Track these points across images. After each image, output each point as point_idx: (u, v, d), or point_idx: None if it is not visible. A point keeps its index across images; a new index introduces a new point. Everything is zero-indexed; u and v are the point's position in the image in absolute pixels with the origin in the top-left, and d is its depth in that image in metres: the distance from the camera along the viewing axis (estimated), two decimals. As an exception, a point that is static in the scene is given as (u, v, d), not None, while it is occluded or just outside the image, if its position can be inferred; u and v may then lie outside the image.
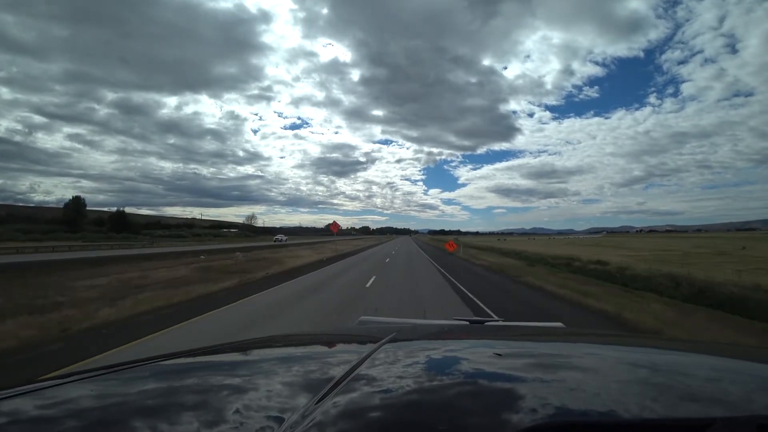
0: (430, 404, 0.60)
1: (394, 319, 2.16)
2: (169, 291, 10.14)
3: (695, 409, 0.58)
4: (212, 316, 7.67)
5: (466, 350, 1.02)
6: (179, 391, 0.72)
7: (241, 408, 0.59)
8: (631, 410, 0.54)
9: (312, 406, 0.56)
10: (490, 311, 8.32)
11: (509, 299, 10.37)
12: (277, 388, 0.70)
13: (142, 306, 8.18)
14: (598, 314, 8.22)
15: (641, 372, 0.78)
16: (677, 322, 7.32)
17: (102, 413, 0.61)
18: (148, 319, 7.29)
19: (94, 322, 6.72)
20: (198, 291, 10.39)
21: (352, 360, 0.80)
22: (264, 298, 9.80)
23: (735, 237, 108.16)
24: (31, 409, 0.62)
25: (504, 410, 0.56)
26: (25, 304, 8.10)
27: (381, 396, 0.60)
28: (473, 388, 0.66)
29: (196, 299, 9.46)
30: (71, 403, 0.66)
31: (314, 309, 8.35)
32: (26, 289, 10.16)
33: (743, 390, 0.66)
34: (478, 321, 1.67)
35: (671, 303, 9.77)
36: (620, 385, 0.68)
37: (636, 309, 8.34)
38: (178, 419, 0.57)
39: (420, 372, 0.77)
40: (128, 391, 0.72)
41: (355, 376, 0.69)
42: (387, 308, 8.31)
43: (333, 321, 7.27)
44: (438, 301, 9.50)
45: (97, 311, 7.40)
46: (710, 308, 9.20)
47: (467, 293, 10.86)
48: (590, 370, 0.80)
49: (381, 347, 0.91)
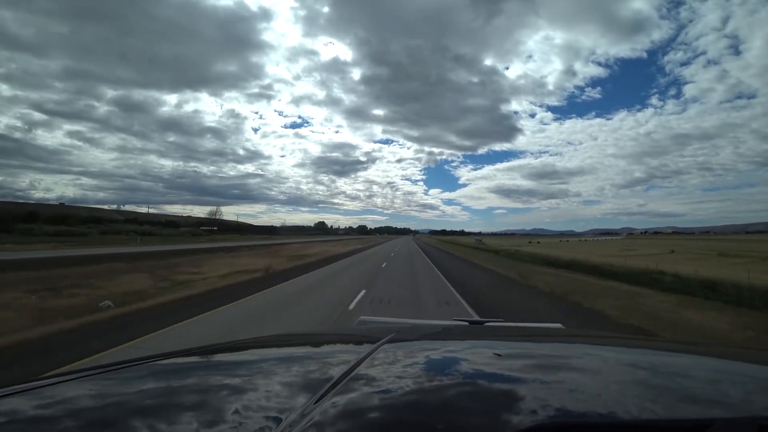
0: (429, 404, 0.59)
1: (394, 319, 2.19)
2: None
3: (695, 410, 0.58)
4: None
5: (465, 350, 1.01)
6: (178, 390, 0.71)
7: (240, 408, 0.58)
8: (630, 411, 0.54)
9: (311, 405, 0.55)
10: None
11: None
12: (275, 388, 0.70)
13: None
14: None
15: (641, 373, 0.78)
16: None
17: (100, 413, 0.60)
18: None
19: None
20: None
21: (351, 360, 0.79)
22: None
23: (752, 240, 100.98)
24: (28, 408, 0.61)
25: (504, 411, 0.55)
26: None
27: (380, 396, 0.60)
28: (473, 389, 0.66)
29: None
30: (69, 402, 0.65)
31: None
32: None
33: (743, 391, 0.65)
34: (478, 321, 1.66)
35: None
36: (620, 386, 0.67)
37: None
38: (176, 419, 0.57)
39: (419, 372, 0.76)
40: (126, 390, 0.72)
41: (354, 376, 0.68)
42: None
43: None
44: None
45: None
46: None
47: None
48: (590, 371, 0.80)
49: (380, 347, 0.90)
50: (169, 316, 7.48)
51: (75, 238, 52.24)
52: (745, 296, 10.70)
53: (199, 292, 10.55)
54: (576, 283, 14.34)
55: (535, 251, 36.27)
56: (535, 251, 36.31)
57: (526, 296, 11.39)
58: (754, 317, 8.60)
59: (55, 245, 34.53)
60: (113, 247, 35.15)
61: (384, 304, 9.06)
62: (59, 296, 9.03)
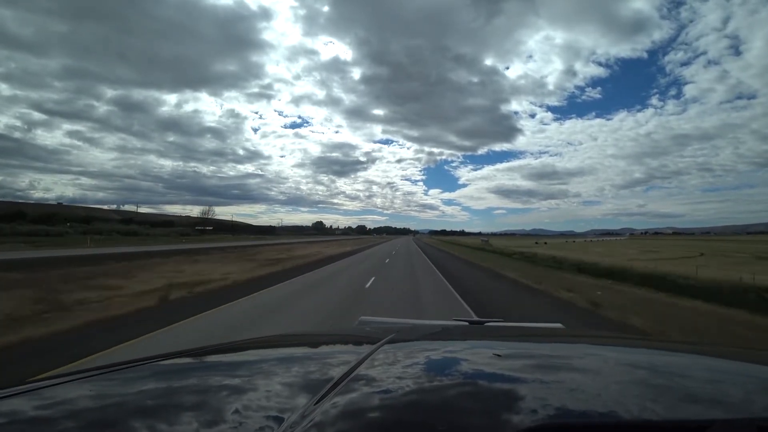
0: (429, 405, 0.59)
1: (394, 319, 2.15)
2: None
3: (695, 411, 0.57)
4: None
5: (465, 351, 1.01)
6: (178, 391, 0.71)
7: (240, 408, 0.58)
8: (631, 411, 0.54)
9: (311, 406, 0.55)
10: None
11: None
12: (276, 389, 0.69)
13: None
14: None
15: (641, 373, 0.78)
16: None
17: (100, 414, 0.60)
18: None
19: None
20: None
21: (352, 360, 0.79)
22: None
23: (760, 240, 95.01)
24: (28, 409, 0.61)
25: (504, 411, 0.55)
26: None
27: (380, 396, 0.60)
28: (473, 389, 0.66)
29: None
30: (69, 403, 0.65)
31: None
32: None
33: (743, 391, 0.65)
34: (478, 321, 1.65)
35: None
36: (620, 386, 0.67)
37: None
38: (177, 420, 0.57)
39: (419, 372, 0.76)
40: (126, 391, 0.72)
41: (354, 376, 0.68)
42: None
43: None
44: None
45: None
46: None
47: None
48: (590, 371, 0.79)
49: (380, 347, 0.90)
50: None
51: (46, 239, 49.07)
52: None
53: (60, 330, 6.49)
54: (664, 308, 9.66)
55: (552, 253, 31.73)
56: (551, 253, 31.79)
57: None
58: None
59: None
60: (61, 249, 29.85)
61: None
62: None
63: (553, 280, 14.92)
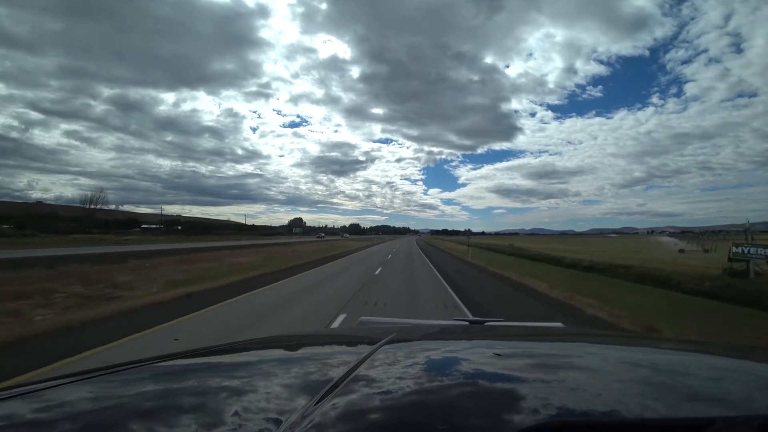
0: (429, 405, 0.59)
1: (394, 319, 2.17)
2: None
3: (696, 409, 0.58)
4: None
5: (465, 350, 1.00)
6: (177, 392, 0.71)
7: (240, 409, 0.58)
8: (632, 410, 0.54)
9: (311, 407, 0.55)
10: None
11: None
12: (275, 390, 0.69)
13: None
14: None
15: (642, 372, 0.78)
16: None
17: (99, 415, 0.60)
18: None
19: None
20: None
21: (351, 361, 0.79)
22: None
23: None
24: (26, 411, 0.61)
25: (504, 410, 0.55)
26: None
27: (380, 397, 0.60)
28: (473, 389, 0.65)
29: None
30: (68, 405, 0.64)
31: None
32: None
33: (744, 389, 0.66)
34: (478, 321, 1.65)
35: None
36: (621, 384, 0.67)
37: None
38: (176, 421, 0.56)
39: (419, 372, 0.76)
40: (126, 392, 0.71)
41: (354, 377, 0.68)
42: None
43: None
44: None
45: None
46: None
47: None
48: (591, 370, 0.79)
49: (380, 348, 0.89)
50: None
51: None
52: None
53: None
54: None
55: (597, 258, 19.25)
56: (599, 258, 19.00)
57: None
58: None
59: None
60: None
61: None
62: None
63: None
